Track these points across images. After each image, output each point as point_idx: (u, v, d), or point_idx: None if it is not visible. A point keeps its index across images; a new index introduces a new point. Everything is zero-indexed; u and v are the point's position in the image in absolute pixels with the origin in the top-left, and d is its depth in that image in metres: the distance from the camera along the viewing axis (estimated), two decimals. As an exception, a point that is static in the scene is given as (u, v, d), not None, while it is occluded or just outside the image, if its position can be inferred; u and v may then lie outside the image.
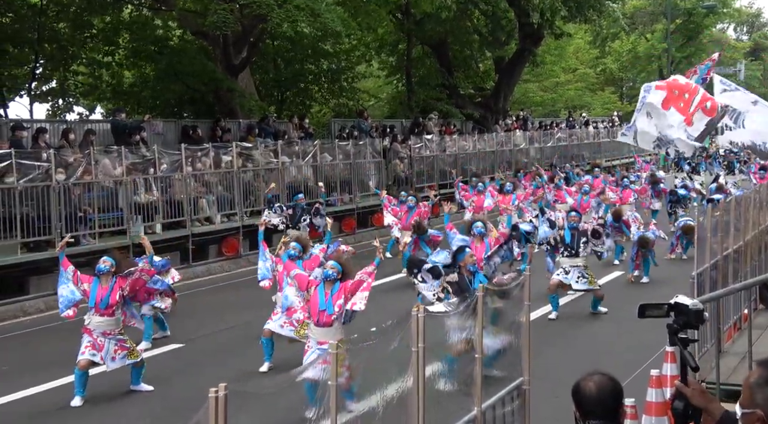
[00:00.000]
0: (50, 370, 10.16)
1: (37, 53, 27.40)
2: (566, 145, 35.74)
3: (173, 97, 28.48)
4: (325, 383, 4.20)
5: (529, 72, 42.38)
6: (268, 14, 21.22)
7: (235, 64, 25.60)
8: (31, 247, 14.72)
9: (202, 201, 18.24)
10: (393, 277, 15.43)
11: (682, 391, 3.88)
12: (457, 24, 33.77)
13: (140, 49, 28.04)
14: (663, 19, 52.22)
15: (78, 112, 31.96)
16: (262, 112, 25.32)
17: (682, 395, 3.87)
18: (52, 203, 14.82)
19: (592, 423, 3.75)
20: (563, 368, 9.13)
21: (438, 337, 5.93)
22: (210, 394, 3.41)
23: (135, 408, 8.81)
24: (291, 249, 10.06)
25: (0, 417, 8.71)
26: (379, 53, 36.83)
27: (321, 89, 34.07)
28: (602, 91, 56.76)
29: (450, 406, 5.44)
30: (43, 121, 22.38)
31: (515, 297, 6.25)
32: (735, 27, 71.44)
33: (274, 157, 20.42)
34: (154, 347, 11.10)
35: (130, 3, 27.89)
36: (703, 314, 4.18)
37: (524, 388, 6.15)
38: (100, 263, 9.53)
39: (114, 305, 9.24)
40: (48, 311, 13.75)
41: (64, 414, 8.77)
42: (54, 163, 15.00)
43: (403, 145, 25.63)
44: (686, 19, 54.27)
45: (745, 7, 64.88)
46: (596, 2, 32.78)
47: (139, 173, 17.09)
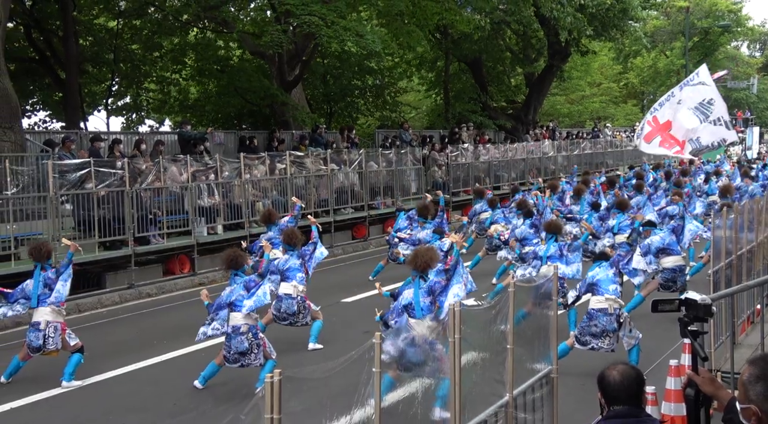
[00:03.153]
0: (125, 356, 10.29)
1: (114, 72, 27.86)
2: (591, 153, 35.40)
3: (233, 110, 28.74)
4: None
5: (557, 86, 42.06)
6: (318, 33, 21.33)
7: (288, 81, 25.76)
8: (107, 246, 14.92)
9: (258, 204, 18.35)
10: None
11: (693, 379, 3.87)
12: (491, 43, 33.67)
13: (204, 68, 28.37)
14: (681, 38, 51.63)
15: (149, 125, 32.38)
16: (313, 123, 25.43)
17: (693, 383, 3.86)
18: (125, 207, 15.00)
19: (617, 408, 3.73)
20: (588, 359, 9.03)
21: (472, 328, 5.91)
22: (266, 379, 3.43)
23: (203, 391, 8.88)
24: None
25: (83, 398, 8.83)
26: (419, 70, 36.82)
27: (366, 103, 34.14)
28: (625, 103, 56.15)
29: (483, 392, 5.41)
30: (118, 133, 22.70)
31: (544, 292, 6.20)
32: (748, 44, 70.17)
33: (323, 165, 20.49)
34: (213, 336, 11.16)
35: (195, 26, 28.20)
36: (711, 308, 4.16)
37: (552, 376, 6.11)
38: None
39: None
40: (122, 303, 13.96)
41: (135, 399, 8.87)
42: (128, 170, 15.20)
43: (441, 153, 25.56)
44: (703, 37, 53.64)
45: (758, 26, 63.62)
46: (619, 22, 32.43)
47: (202, 179, 17.23)
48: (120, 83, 29.02)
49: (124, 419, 8.09)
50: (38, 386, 9.13)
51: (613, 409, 3.75)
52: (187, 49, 28.52)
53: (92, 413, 8.36)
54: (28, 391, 8.93)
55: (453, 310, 4.76)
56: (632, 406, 3.74)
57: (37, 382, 9.30)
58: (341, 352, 4.14)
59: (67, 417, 8.23)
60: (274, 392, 3.40)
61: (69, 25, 23.46)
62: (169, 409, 8.32)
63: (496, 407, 5.27)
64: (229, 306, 8.66)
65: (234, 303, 8.63)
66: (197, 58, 28.57)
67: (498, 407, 5.28)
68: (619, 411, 3.73)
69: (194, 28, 28.62)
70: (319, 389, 6.80)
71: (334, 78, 32.12)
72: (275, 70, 25.65)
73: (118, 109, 30.26)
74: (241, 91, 26.85)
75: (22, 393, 8.85)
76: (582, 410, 7.08)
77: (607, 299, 8.96)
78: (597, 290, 9.09)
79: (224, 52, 29.83)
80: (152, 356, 10.19)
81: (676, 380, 6.84)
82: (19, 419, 8.21)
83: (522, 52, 35.88)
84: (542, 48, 35.60)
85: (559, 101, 46.99)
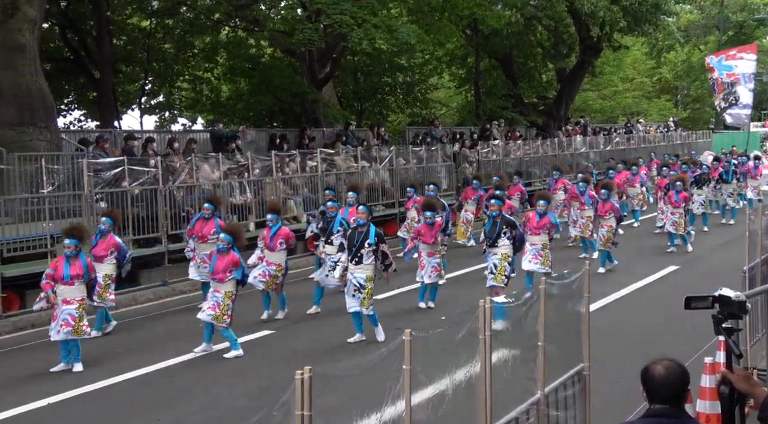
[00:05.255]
0: (159, 352, 10.40)
1: (147, 71, 28.12)
2: (624, 149, 35.08)
3: (265, 108, 28.87)
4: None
5: (589, 82, 41.71)
6: (349, 33, 21.36)
7: (319, 78, 25.83)
8: (141, 243, 15.06)
9: (290, 202, 18.43)
10: (466, 270, 15.37)
11: (727, 376, 3.81)
12: (522, 39, 33.46)
13: (236, 66, 28.53)
14: (716, 31, 50.91)
15: (181, 123, 32.65)
16: (344, 120, 25.47)
17: (728, 381, 3.80)
18: (159, 204, 15.14)
19: (656, 407, 3.65)
20: (621, 356, 8.95)
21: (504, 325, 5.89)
22: (296, 376, 3.44)
23: (234, 387, 8.94)
24: (220, 242, 10.50)
25: (117, 392, 8.94)
26: (449, 66, 36.71)
27: (397, 100, 34.10)
28: (658, 98, 55.47)
29: (515, 389, 5.38)
30: (151, 132, 22.93)
31: (575, 289, 6.16)
32: (785, 38, 69.02)
33: (354, 162, 20.52)
34: (248, 333, 11.25)
35: (227, 25, 28.37)
36: (746, 305, 4.09)
37: (584, 373, 6.06)
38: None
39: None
40: (156, 300, 14.10)
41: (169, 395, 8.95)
42: (161, 169, 15.34)
43: (472, 150, 25.47)
44: (738, 31, 52.75)
45: (794, 18, 62.60)
46: (652, 17, 32.06)
47: (234, 177, 17.34)
48: (153, 82, 29.30)
49: (158, 414, 8.18)
50: (68, 382, 9.26)
51: (652, 407, 3.66)
52: (218, 48, 28.71)
53: (126, 408, 8.45)
54: (60, 387, 9.05)
55: (483, 307, 4.73)
56: (672, 406, 3.61)
57: (67, 378, 9.43)
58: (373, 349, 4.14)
59: (102, 412, 8.34)
60: (304, 389, 3.41)
61: (103, 25, 23.72)
62: (202, 404, 8.39)
63: (528, 404, 5.24)
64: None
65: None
66: (229, 56, 28.75)
67: (529, 405, 5.25)
68: (657, 410, 3.62)
69: (226, 27, 28.80)
70: (349, 385, 6.82)
71: (365, 75, 32.12)
72: (306, 68, 25.72)
73: (152, 107, 30.55)
74: (272, 89, 26.96)
75: (54, 389, 8.97)
76: (615, 407, 7.01)
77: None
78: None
79: (255, 50, 29.97)
80: (186, 352, 10.27)
81: (710, 378, 6.75)
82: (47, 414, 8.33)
83: (553, 47, 35.60)
84: (574, 43, 35.31)
85: (591, 97, 46.57)
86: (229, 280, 10.25)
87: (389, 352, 4.17)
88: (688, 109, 56.27)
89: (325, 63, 26.02)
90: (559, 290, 6.02)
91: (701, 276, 14.43)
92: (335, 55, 26.19)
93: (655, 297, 13.07)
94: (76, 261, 9.85)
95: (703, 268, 15.40)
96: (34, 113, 16.23)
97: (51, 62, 24.71)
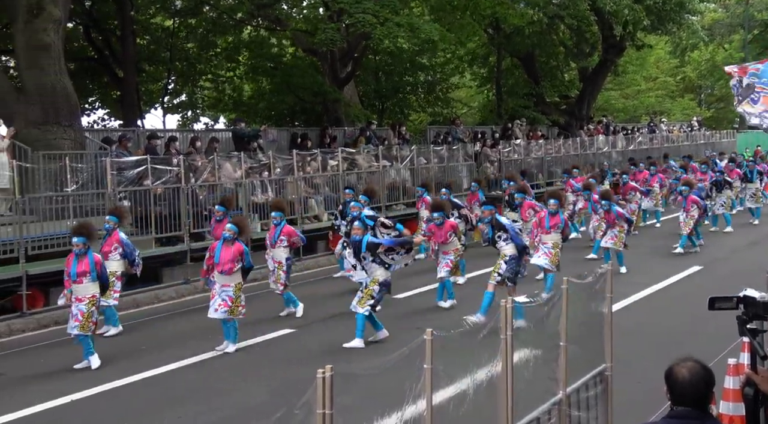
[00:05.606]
0: (181, 350, 10.46)
1: (170, 70, 28.33)
2: (647, 148, 34.84)
3: (286, 107, 28.98)
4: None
5: (612, 81, 41.44)
6: (372, 31, 21.38)
7: (341, 78, 25.87)
8: (163, 242, 15.15)
9: (311, 201, 18.47)
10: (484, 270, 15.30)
11: (752, 378, 3.76)
12: (544, 38, 33.31)
13: (258, 66, 28.65)
14: (740, 30, 50.44)
15: (204, 122, 32.87)
16: (365, 120, 25.49)
17: (752, 382, 3.75)
18: (181, 203, 15.22)
19: (679, 409, 3.60)
20: (645, 357, 8.89)
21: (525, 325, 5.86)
22: (318, 375, 3.44)
23: (255, 386, 8.98)
24: (226, 232, 10.59)
25: (139, 389, 9.00)
26: (471, 66, 36.64)
27: (418, 99, 34.10)
28: (682, 97, 55.04)
29: (536, 389, 5.36)
30: (174, 131, 23.09)
31: (598, 289, 6.12)
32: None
33: (375, 161, 20.53)
34: (270, 331, 11.29)
35: (249, 24, 28.49)
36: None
37: (607, 374, 6.02)
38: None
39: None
40: (179, 298, 14.17)
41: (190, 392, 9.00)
42: (183, 167, 15.42)
43: (493, 149, 25.39)
44: (763, 29, 52.22)
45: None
46: (676, 15, 31.81)
47: (256, 176, 17.41)
48: (176, 82, 29.51)
49: (179, 411, 8.22)
50: (89, 379, 9.34)
51: (675, 409, 3.62)
52: (241, 47, 28.87)
53: (146, 405, 8.51)
54: (80, 385, 9.12)
55: (505, 307, 4.72)
56: (695, 407, 3.57)
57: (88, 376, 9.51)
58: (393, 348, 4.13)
59: (126, 409, 8.39)
60: (326, 388, 3.41)
61: (127, 25, 23.91)
62: (223, 402, 8.42)
63: (549, 404, 5.21)
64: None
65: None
66: (251, 56, 28.88)
67: (551, 405, 5.22)
68: (679, 412, 3.57)
69: (248, 27, 28.94)
70: (370, 385, 6.82)
71: (386, 74, 32.15)
72: (328, 67, 25.77)
73: (174, 107, 30.77)
74: (293, 88, 27.05)
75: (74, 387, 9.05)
76: (638, 408, 6.96)
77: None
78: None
79: (277, 50, 30.08)
80: (207, 350, 10.32)
81: (734, 380, 6.69)
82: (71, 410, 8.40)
83: (576, 46, 35.41)
84: (596, 42, 35.10)
85: (613, 96, 46.28)
86: (236, 271, 10.34)
87: (410, 351, 4.16)
88: (712, 109, 55.78)
89: (347, 62, 26.06)
90: (582, 290, 5.99)
91: (725, 277, 14.29)
92: (357, 54, 26.23)
93: (679, 298, 12.97)
94: (84, 258, 9.93)
95: (727, 268, 15.27)
96: (59, 112, 16.38)
97: (75, 62, 24.94)
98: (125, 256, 11.72)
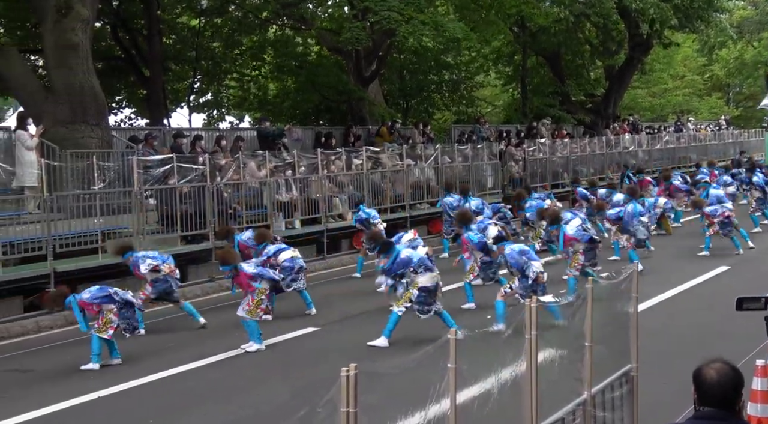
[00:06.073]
0: (206, 347, 10.52)
1: (195, 70, 28.51)
2: (674, 147, 34.54)
3: (311, 106, 29.07)
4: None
5: (638, 79, 41.12)
6: (396, 29, 21.38)
7: (365, 76, 25.89)
8: (189, 240, 15.24)
9: (335, 200, 18.49)
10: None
11: None
12: (570, 36, 33.12)
13: (283, 65, 28.77)
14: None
15: (229, 121, 33.04)
16: (390, 118, 25.50)
17: None
18: (206, 201, 15.29)
19: (705, 409, 3.56)
20: (672, 358, 8.81)
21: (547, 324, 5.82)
22: (342, 373, 3.44)
23: (278, 384, 9.01)
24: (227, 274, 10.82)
25: (166, 386, 9.07)
26: (496, 64, 36.52)
27: (442, 98, 34.04)
28: (709, 96, 54.52)
29: (561, 389, 5.33)
30: (199, 130, 23.25)
31: (623, 289, 6.07)
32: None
33: (399, 160, 20.52)
34: (292, 330, 11.32)
35: (274, 23, 28.59)
36: (799, 307, 3.98)
37: (632, 374, 5.97)
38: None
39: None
40: (204, 296, 14.25)
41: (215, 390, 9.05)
42: (208, 166, 15.51)
43: (518, 148, 25.29)
44: (793, 27, 51.64)
45: None
46: (704, 13, 31.51)
47: (280, 175, 17.46)
48: (201, 81, 29.70)
49: (203, 409, 8.27)
50: (120, 375, 9.42)
51: (701, 409, 3.58)
52: (266, 46, 28.98)
53: (173, 402, 8.57)
54: (110, 381, 9.21)
55: (529, 307, 4.69)
56: (722, 409, 3.52)
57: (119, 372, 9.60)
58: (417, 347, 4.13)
59: (151, 406, 8.46)
60: (350, 386, 3.41)
61: (153, 24, 24.09)
62: (246, 401, 8.46)
63: (574, 405, 5.18)
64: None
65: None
66: (276, 55, 29.00)
67: (576, 405, 5.19)
68: (705, 413, 3.53)
69: (273, 26, 29.04)
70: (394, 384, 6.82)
71: (411, 73, 32.14)
72: (352, 66, 25.81)
73: (200, 106, 30.96)
74: (318, 87, 27.13)
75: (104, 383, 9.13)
76: (664, 409, 6.90)
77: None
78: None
79: (302, 49, 30.20)
80: (232, 347, 10.37)
81: (762, 381, 6.60)
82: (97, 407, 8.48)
83: (602, 44, 35.18)
84: (623, 40, 34.85)
85: (640, 94, 45.93)
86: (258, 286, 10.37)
87: (434, 350, 4.16)
88: (740, 108, 55.18)
89: (372, 61, 26.08)
90: (607, 291, 5.95)
91: (753, 277, 14.12)
92: (382, 53, 26.24)
93: (706, 298, 12.84)
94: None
95: (754, 269, 15.09)
96: (86, 111, 16.55)
97: (103, 61, 25.17)
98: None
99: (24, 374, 9.84)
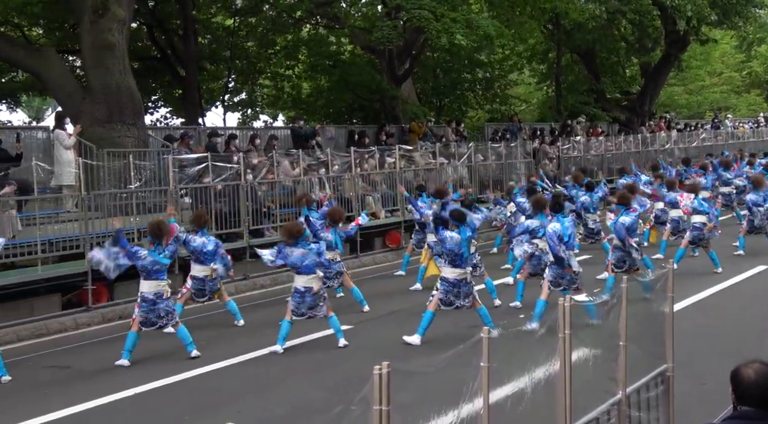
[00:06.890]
0: (238, 346, 10.60)
1: (230, 69, 28.71)
2: (711, 145, 34.07)
3: (344, 105, 29.12)
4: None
5: (675, 76, 40.62)
6: (427, 27, 21.33)
7: (399, 75, 25.88)
8: (223, 238, 15.31)
9: (368, 198, 18.52)
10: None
11: None
12: (605, 33, 32.83)
13: (317, 64, 28.86)
14: (810, 23, 48.90)
15: (263, 120, 33.19)
16: (423, 116, 25.48)
17: None
18: (241, 200, 15.41)
19: (744, 409, 3.53)
20: (709, 358, 8.70)
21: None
22: (374, 371, 3.44)
23: (312, 382, 9.04)
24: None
25: (201, 383, 9.15)
26: (530, 62, 36.31)
27: (476, 96, 33.92)
28: (748, 93, 53.68)
29: (595, 389, 5.29)
30: (234, 129, 23.41)
31: (659, 288, 6.01)
32: None
33: (432, 159, 20.49)
34: (326, 328, 11.35)
35: (308, 23, 28.70)
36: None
37: (668, 374, 5.91)
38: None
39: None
40: (237, 294, 14.33)
41: (245, 388, 9.11)
42: (243, 165, 15.61)
43: (552, 146, 25.12)
44: (833, 22, 50.59)
45: None
46: (742, 9, 31.04)
47: (314, 173, 17.53)
48: (236, 80, 29.90)
49: (238, 406, 8.33)
50: (155, 372, 9.53)
51: (739, 409, 3.55)
52: (300, 45, 29.10)
53: (208, 398, 8.64)
54: (147, 378, 9.31)
55: (563, 305, 4.67)
56: (759, 408, 3.50)
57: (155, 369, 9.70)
58: (449, 346, 4.12)
59: (186, 402, 8.54)
60: (383, 384, 3.42)
61: (188, 24, 24.30)
62: (279, 398, 8.51)
63: (608, 404, 5.14)
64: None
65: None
66: (310, 54, 29.10)
67: (610, 405, 5.15)
68: (744, 412, 3.51)
69: (307, 25, 29.15)
70: (428, 382, 6.81)
71: (444, 72, 32.06)
72: (385, 65, 25.82)
73: (234, 105, 31.16)
74: (352, 86, 27.17)
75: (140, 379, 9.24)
76: (701, 409, 6.81)
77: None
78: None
79: (336, 47, 30.25)
80: (266, 345, 10.43)
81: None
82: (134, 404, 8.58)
83: (638, 41, 34.80)
84: (659, 37, 34.44)
85: (676, 92, 45.37)
86: None
87: (467, 349, 4.14)
88: (781, 104, 54.23)
89: (405, 60, 26.07)
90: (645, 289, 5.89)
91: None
92: (415, 51, 26.22)
93: (743, 298, 12.64)
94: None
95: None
96: (123, 111, 16.76)
97: (139, 61, 25.46)
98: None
99: (61, 370, 9.99)
